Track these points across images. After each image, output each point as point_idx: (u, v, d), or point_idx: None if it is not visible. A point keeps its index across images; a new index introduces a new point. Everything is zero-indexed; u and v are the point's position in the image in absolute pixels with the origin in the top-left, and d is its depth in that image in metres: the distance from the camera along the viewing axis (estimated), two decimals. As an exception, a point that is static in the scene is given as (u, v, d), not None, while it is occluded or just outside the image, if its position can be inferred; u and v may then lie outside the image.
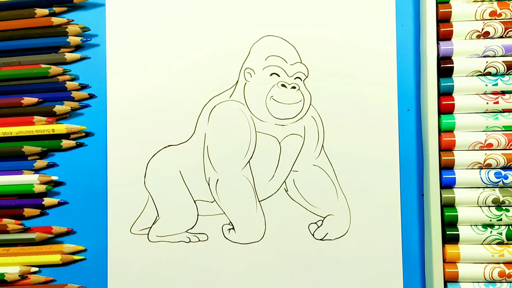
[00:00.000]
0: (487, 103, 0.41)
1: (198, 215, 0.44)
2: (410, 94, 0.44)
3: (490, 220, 0.41)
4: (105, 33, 0.45)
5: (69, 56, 0.45)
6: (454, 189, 0.41)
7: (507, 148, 0.41)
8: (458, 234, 0.41)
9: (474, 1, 0.42)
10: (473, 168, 0.41)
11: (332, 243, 0.43)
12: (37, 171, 0.45)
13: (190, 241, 0.44)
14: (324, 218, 0.44)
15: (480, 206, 0.41)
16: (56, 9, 0.44)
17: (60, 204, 0.45)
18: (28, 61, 0.44)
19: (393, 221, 0.43)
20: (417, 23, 0.44)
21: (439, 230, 0.41)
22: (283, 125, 0.44)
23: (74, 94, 0.45)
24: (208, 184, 0.44)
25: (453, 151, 0.42)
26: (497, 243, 0.41)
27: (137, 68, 0.45)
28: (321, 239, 0.43)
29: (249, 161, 0.44)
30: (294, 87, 0.44)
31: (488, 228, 0.41)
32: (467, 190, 0.41)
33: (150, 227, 0.44)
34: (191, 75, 0.44)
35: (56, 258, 0.44)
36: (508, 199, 0.41)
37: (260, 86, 0.44)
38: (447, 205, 0.41)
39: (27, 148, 0.44)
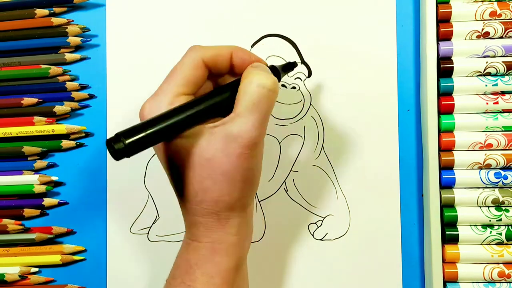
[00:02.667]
0: (487, 103, 0.41)
1: (198, 215, 0.44)
2: (410, 94, 0.44)
3: (490, 221, 0.41)
4: (105, 33, 0.45)
5: (69, 56, 0.45)
6: (453, 189, 0.41)
7: (507, 148, 0.41)
8: (458, 234, 0.41)
9: (474, 1, 0.42)
10: (472, 169, 0.41)
11: (332, 243, 0.43)
12: (37, 171, 0.45)
13: (190, 241, 0.44)
14: (324, 218, 0.44)
15: (480, 207, 0.41)
16: (56, 10, 0.44)
17: (60, 204, 0.45)
18: (28, 62, 0.44)
19: (392, 221, 0.43)
20: (417, 23, 0.44)
21: (439, 230, 0.41)
22: (283, 125, 0.44)
23: (74, 94, 0.45)
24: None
25: (453, 151, 0.42)
26: (496, 244, 0.41)
27: (137, 68, 0.45)
28: (320, 239, 0.43)
29: (249, 161, 0.44)
30: (294, 87, 0.44)
31: (488, 229, 0.41)
32: (467, 190, 0.41)
33: (150, 227, 0.44)
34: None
35: (56, 259, 0.44)
36: (508, 199, 0.41)
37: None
38: (447, 205, 0.41)
39: (27, 149, 0.44)
